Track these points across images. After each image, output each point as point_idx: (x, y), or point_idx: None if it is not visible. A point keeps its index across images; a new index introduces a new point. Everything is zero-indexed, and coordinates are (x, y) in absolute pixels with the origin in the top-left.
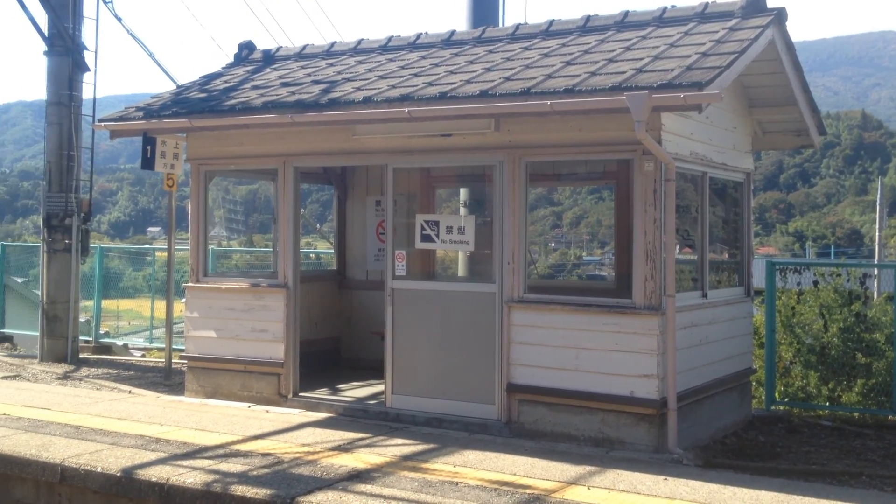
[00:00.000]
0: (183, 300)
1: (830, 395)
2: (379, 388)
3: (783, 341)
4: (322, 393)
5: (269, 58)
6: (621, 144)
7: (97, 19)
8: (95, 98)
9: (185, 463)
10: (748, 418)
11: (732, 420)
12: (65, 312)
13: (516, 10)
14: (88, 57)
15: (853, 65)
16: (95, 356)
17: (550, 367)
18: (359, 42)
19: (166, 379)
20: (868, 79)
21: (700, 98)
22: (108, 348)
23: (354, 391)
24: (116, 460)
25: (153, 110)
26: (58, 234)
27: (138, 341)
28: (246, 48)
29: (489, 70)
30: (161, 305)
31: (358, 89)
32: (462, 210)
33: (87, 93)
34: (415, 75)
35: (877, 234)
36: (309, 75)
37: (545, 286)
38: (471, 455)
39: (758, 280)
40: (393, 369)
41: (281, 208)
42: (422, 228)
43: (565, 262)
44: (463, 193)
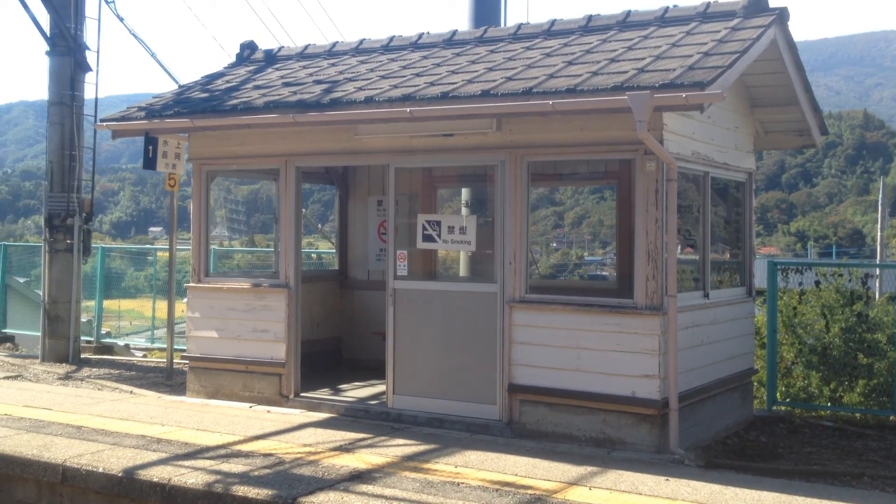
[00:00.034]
0: (184, 300)
1: (832, 396)
2: (380, 389)
3: (785, 341)
4: (323, 393)
5: (271, 58)
6: (623, 144)
7: (99, 19)
8: (97, 98)
9: (187, 463)
10: (750, 419)
11: (734, 420)
12: (66, 312)
13: (518, 10)
14: (90, 57)
15: (855, 64)
16: (97, 356)
17: (552, 368)
18: (361, 42)
19: (168, 379)
20: (870, 78)
21: (702, 98)
22: (110, 348)
23: (356, 391)
24: (118, 461)
25: (155, 110)
26: (59, 234)
27: (140, 341)
28: (248, 48)
29: (491, 70)
30: (163, 305)
31: (360, 89)
32: (464, 210)
33: (89, 93)
34: (416, 75)
35: (878, 235)
36: (311, 75)
37: (547, 286)
38: (472, 455)
39: (759, 280)
40: (394, 369)
41: (283, 208)
42: (423, 228)
43: (567, 263)
44: (464, 193)
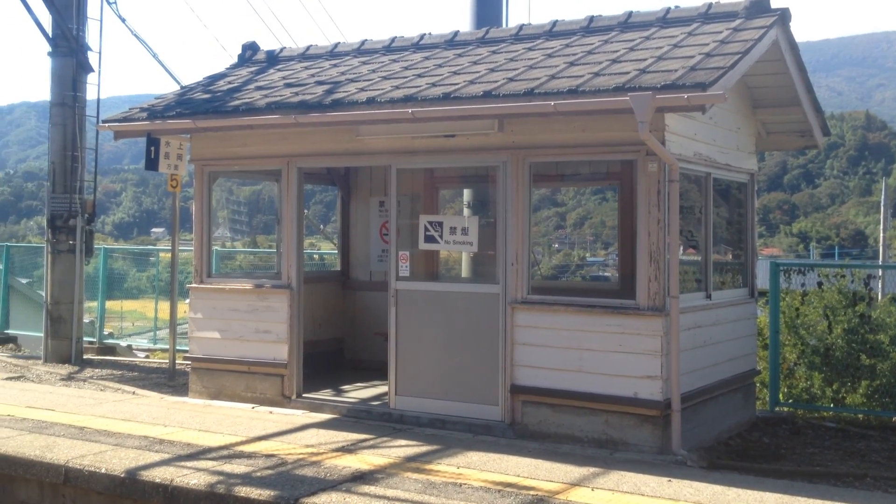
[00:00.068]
0: (187, 301)
1: (835, 397)
2: (382, 389)
3: (787, 342)
4: (326, 394)
5: (273, 58)
6: (625, 145)
7: (101, 20)
8: (99, 99)
9: (189, 464)
10: (752, 420)
11: (736, 421)
12: (69, 313)
13: (520, 11)
14: (92, 58)
15: (857, 65)
16: (99, 357)
17: (554, 369)
18: (362, 43)
19: (170, 380)
20: (872, 79)
21: (704, 99)
22: (112, 349)
23: (358, 392)
24: (120, 461)
25: (157, 111)
26: (62, 235)
27: (142, 342)
28: (250, 49)
29: (493, 71)
30: (165, 306)
31: (361, 90)
32: (465, 211)
33: (91, 94)
34: (418, 76)
35: (881, 235)
36: (312, 76)
37: (549, 287)
38: (474, 456)
39: (762, 281)
40: (396, 370)
41: (284, 209)
42: (425, 229)
43: (569, 263)
44: (466, 194)
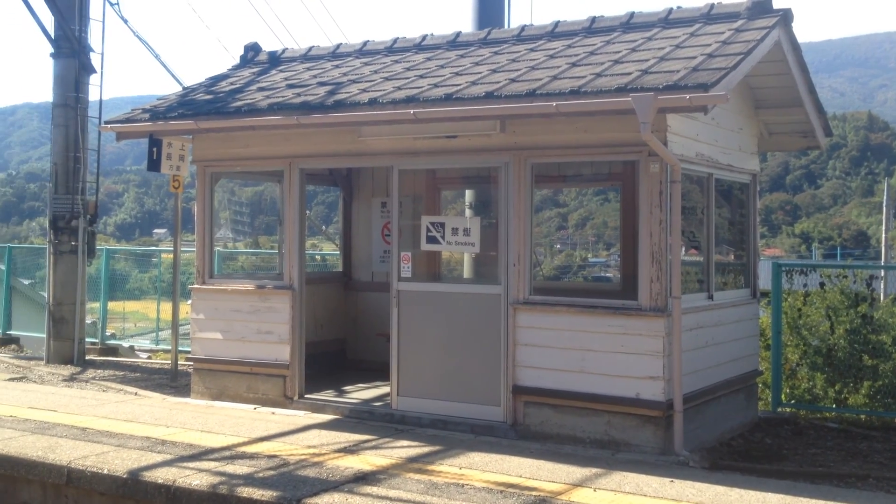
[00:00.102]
0: (189, 302)
1: (837, 397)
2: (384, 390)
3: (789, 343)
4: (328, 395)
5: (275, 59)
6: (627, 146)
7: (103, 21)
8: (102, 100)
9: (192, 465)
10: (754, 420)
11: (739, 422)
12: (71, 314)
13: (522, 12)
14: (95, 59)
15: (859, 66)
16: (101, 358)
17: (556, 369)
18: (364, 44)
19: (172, 381)
20: (874, 80)
21: (706, 99)
22: (115, 350)
23: (360, 393)
24: (123, 462)
25: (159, 112)
26: (64, 236)
27: (144, 343)
28: (252, 50)
29: (495, 72)
30: (167, 307)
31: (363, 91)
32: (467, 212)
33: (94, 95)
34: (420, 77)
35: (883, 236)
36: (314, 77)
37: (551, 288)
38: (476, 457)
39: (764, 282)
40: (398, 371)
41: (286, 210)
42: (427, 230)
43: (571, 264)
44: (468, 195)
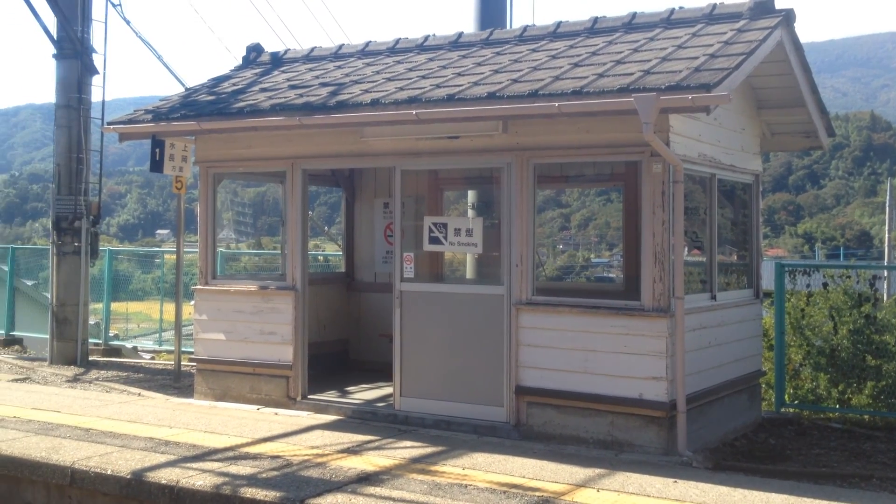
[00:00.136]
0: (192, 303)
1: (840, 398)
2: (387, 391)
3: (793, 343)
4: (331, 395)
5: (277, 60)
6: (629, 146)
7: (106, 22)
8: (104, 101)
9: (195, 465)
10: (758, 421)
11: (742, 422)
12: (74, 315)
13: (523, 12)
14: (97, 60)
15: (862, 66)
16: (105, 359)
17: (559, 370)
18: (367, 44)
19: (175, 381)
20: (877, 80)
21: (708, 100)
22: (118, 351)
23: (363, 393)
24: (126, 463)
25: (162, 113)
26: (67, 237)
27: (147, 344)
28: (254, 50)
29: (497, 72)
30: (170, 308)
31: (366, 91)
32: (470, 212)
33: (96, 96)
34: (422, 77)
35: (886, 236)
36: (317, 77)
37: (553, 288)
38: (480, 457)
39: (767, 282)
40: (401, 371)
41: (289, 211)
42: (430, 230)
43: (573, 264)
44: (471, 195)
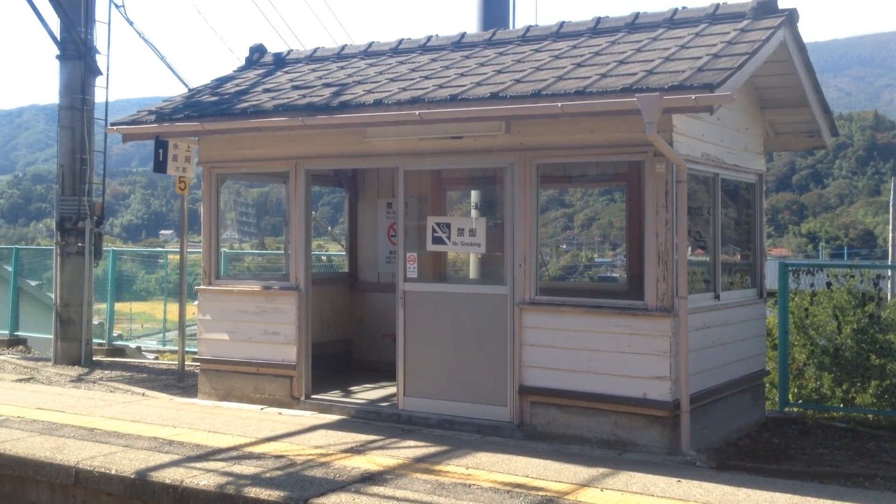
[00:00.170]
0: (195, 303)
1: (844, 397)
2: (391, 391)
3: (796, 343)
4: (334, 395)
5: (280, 61)
6: (632, 146)
7: (109, 23)
8: (108, 101)
9: (199, 465)
10: (762, 420)
11: (746, 422)
12: (78, 315)
13: (526, 12)
14: (101, 61)
15: (865, 65)
16: (109, 359)
17: (562, 369)
18: (369, 45)
19: (179, 381)
20: (880, 79)
21: (711, 100)
22: (122, 351)
23: (366, 393)
24: (130, 462)
25: (165, 114)
26: (71, 238)
27: (151, 344)
28: (257, 51)
29: (499, 72)
30: (174, 308)
31: (368, 92)
32: (473, 212)
33: (100, 96)
34: (425, 78)
35: (890, 235)
36: (320, 78)
37: (557, 288)
38: (483, 457)
39: (770, 281)
40: (405, 371)
41: (292, 211)
42: (433, 231)
43: (577, 264)
44: (474, 195)
